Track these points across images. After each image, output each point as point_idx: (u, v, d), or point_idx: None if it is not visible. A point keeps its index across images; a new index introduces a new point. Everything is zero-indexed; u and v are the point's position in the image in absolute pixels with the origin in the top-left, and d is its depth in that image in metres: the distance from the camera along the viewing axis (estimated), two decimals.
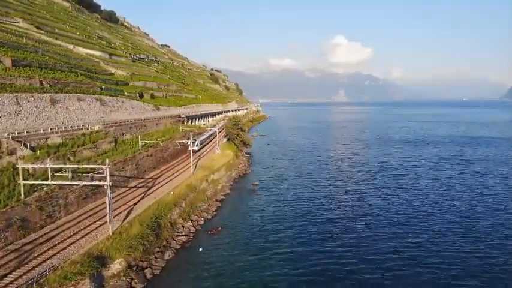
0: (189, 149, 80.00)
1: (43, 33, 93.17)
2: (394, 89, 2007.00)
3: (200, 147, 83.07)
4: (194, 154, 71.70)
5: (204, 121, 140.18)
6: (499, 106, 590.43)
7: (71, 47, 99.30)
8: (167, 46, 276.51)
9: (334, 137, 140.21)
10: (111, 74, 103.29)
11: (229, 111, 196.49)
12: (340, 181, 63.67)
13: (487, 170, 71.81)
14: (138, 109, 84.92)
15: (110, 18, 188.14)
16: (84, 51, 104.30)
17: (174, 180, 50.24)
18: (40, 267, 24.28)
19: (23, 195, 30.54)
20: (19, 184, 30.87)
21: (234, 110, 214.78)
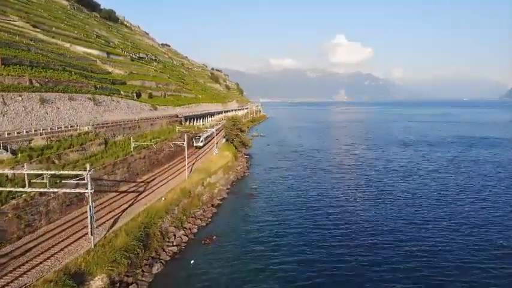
0: (194, 145, 79.80)
1: (39, 31, 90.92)
2: (394, 88, 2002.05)
3: (205, 143, 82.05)
4: (190, 156, 69.46)
5: (203, 121, 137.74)
6: (499, 106, 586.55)
7: (68, 45, 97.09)
8: (167, 45, 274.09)
9: (335, 138, 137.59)
10: (108, 73, 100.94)
11: (229, 111, 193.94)
12: (343, 183, 61.10)
13: (493, 171, 69.35)
14: (134, 109, 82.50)
15: (110, 17, 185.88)
16: (81, 49, 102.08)
17: (168, 183, 47.73)
18: (10, 286, 21.83)
19: None
20: None
21: (234, 109, 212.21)
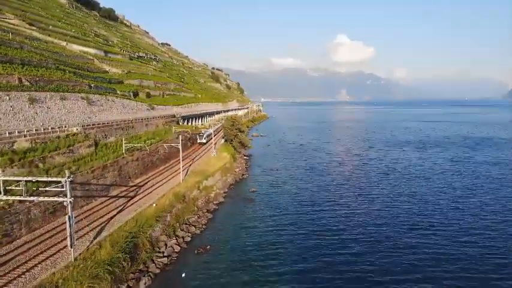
0: (198, 141, 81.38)
1: (35, 29, 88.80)
2: (396, 88, 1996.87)
3: (208, 139, 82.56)
4: (187, 157, 67.26)
5: (202, 121, 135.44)
6: (502, 105, 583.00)
7: (64, 43, 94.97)
8: (167, 45, 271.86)
9: (336, 138, 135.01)
10: (106, 71, 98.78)
11: (229, 110, 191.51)
12: (345, 186, 58.68)
13: (500, 172, 67.21)
14: (130, 109, 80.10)
15: (109, 16, 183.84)
16: (77, 48, 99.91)
17: (162, 187, 45.51)
18: None
19: None
20: None
21: (234, 109, 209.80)
